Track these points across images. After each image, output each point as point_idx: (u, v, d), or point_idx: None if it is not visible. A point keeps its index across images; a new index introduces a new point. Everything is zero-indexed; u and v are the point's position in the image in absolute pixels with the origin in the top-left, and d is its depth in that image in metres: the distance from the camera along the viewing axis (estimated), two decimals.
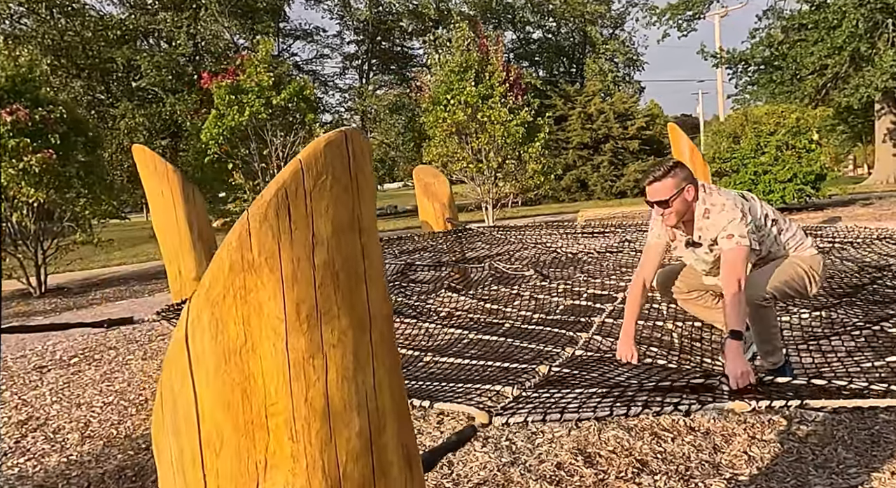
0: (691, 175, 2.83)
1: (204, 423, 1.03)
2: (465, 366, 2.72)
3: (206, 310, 1.02)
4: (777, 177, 11.67)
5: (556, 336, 3.22)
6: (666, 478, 3.14)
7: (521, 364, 2.69)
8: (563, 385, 2.41)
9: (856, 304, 3.51)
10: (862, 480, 2.90)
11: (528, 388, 2.32)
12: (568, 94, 34.40)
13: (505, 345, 3.03)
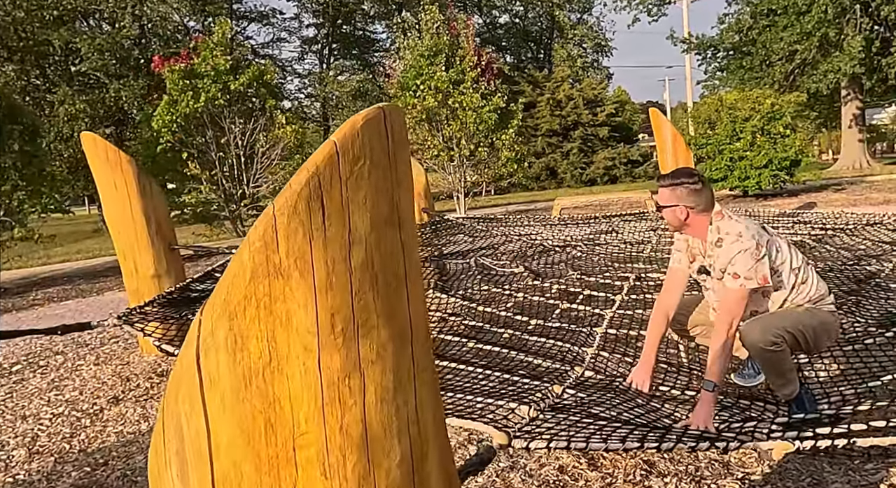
0: (696, 201, 2.70)
1: (218, 460, 0.87)
2: (470, 376, 2.59)
3: (223, 323, 0.86)
4: (753, 163, 11.85)
5: (561, 349, 3.11)
6: (676, 480, 3.07)
7: (532, 379, 2.57)
8: (580, 408, 2.30)
9: (861, 303, 3.49)
10: (881, 476, 2.88)
11: (545, 409, 2.20)
12: (536, 80, 34.49)
13: (508, 358, 2.91)
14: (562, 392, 2.50)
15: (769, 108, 12.12)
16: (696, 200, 2.73)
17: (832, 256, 4.47)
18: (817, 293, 2.77)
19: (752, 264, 2.59)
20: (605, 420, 2.22)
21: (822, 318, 2.74)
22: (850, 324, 3.23)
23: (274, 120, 12.58)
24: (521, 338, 3.29)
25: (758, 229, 2.69)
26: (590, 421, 2.15)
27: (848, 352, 3.00)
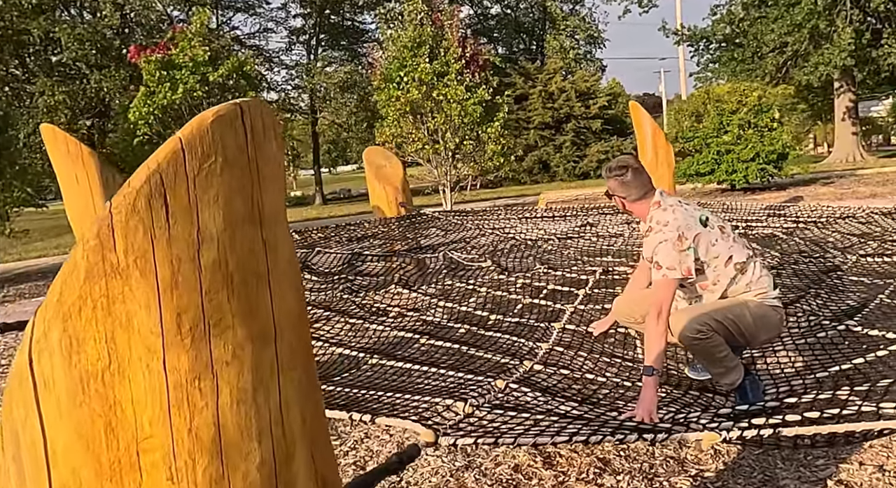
0: (629, 191, 2.83)
1: (56, 467, 0.87)
2: (414, 374, 2.59)
3: (57, 325, 0.86)
4: (740, 157, 11.88)
5: (515, 344, 3.12)
6: (629, 478, 3.08)
7: (476, 375, 2.57)
8: (520, 403, 2.30)
9: (820, 296, 3.52)
10: (830, 472, 2.90)
11: (482, 405, 2.20)
12: (528, 71, 34.41)
13: (459, 353, 2.91)
14: (505, 386, 2.50)
15: (756, 100, 12.13)
16: (626, 191, 2.86)
17: (800, 249, 4.49)
18: (759, 287, 2.81)
19: (673, 255, 2.66)
20: (543, 414, 2.23)
21: (761, 312, 2.77)
22: (806, 316, 3.25)
23: None
24: (478, 333, 3.30)
25: (688, 221, 2.73)
26: (527, 416, 2.16)
27: (800, 344, 3.02)
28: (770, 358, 3.03)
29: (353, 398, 2.31)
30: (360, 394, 2.32)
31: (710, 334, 2.65)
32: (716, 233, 2.79)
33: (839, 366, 2.73)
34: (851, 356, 2.76)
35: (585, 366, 2.87)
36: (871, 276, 3.73)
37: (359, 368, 2.69)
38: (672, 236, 2.69)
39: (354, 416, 1.96)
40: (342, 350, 2.87)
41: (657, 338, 2.63)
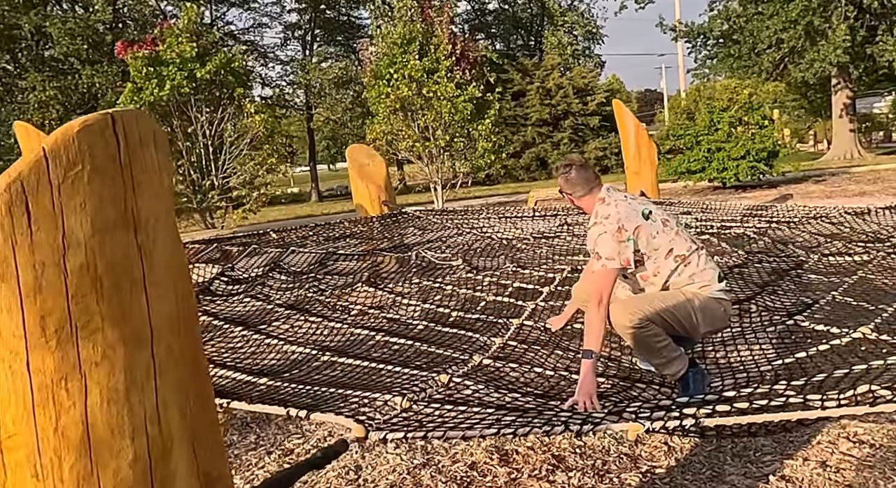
0: (575, 187, 2.95)
1: None
2: (364, 371, 2.64)
3: None
4: (730, 155, 11.92)
5: (470, 339, 3.17)
6: (580, 475, 3.15)
7: (423, 371, 2.62)
8: (461, 397, 2.35)
9: (777, 292, 3.57)
10: (775, 468, 2.97)
11: (422, 399, 2.25)
12: (525, 67, 34.42)
13: (412, 349, 2.96)
14: (448, 381, 2.55)
15: (747, 97, 12.16)
16: (572, 188, 2.98)
17: (767, 248, 4.54)
18: (703, 279, 2.88)
19: (612, 246, 2.76)
20: (480, 407, 2.27)
21: (703, 304, 2.83)
22: (759, 312, 3.30)
23: (242, 108, 12.56)
24: (435, 330, 3.35)
25: (629, 214, 2.82)
26: (463, 410, 2.20)
27: (750, 338, 3.07)
28: (720, 351, 3.09)
29: (299, 394, 2.36)
30: (306, 390, 2.37)
31: (646, 324, 2.71)
32: (658, 226, 2.87)
33: (783, 359, 2.78)
34: (795, 350, 2.81)
35: (536, 361, 2.91)
36: (830, 274, 3.78)
37: (310, 366, 2.74)
38: (612, 228, 2.79)
39: (291, 412, 2.00)
40: (297, 348, 2.92)
41: (597, 324, 2.73)
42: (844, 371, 2.50)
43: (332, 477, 3.20)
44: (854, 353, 2.72)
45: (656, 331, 2.79)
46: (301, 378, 2.54)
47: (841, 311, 3.18)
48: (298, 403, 2.21)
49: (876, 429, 3.21)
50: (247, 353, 2.84)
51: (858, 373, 2.49)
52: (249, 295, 3.69)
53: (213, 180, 12.77)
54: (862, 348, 2.75)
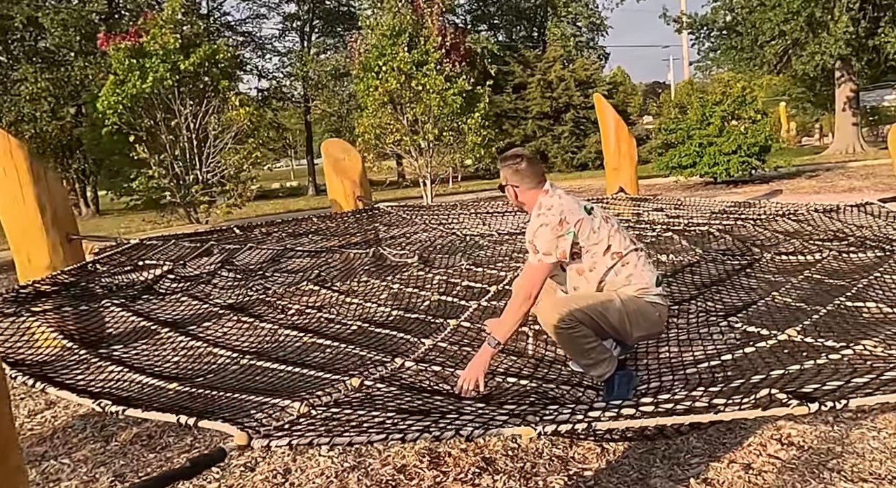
0: (522, 179, 2.94)
1: None
2: (278, 374, 2.65)
3: None
4: (722, 149, 11.87)
5: (400, 341, 3.18)
6: (506, 478, 3.16)
7: (338, 374, 2.63)
8: (368, 401, 2.36)
9: (721, 292, 3.57)
10: (699, 470, 2.98)
11: (323, 405, 2.26)
12: (527, 60, 34.31)
13: (337, 351, 2.98)
14: (360, 385, 2.56)
15: (740, 91, 12.09)
16: (520, 180, 2.96)
17: (725, 246, 4.53)
18: (640, 282, 2.87)
19: (550, 240, 2.76)
20: (383, 411, 2.28)
21: (637, 308, 2.83)
22: (696, 313, 3.30)
23: (227, 101, 12.56)
24: (368, 330, 3.36)
25: (572, 207, 2.83)
26: (361, 413, 2.21)
27: (683, 340, 3.07)
28: (651, 352, 3.09)
29: (202, 400, 2.38)
30: (211, 396, 2.38)
31: (574, 324, 2.71)
32: (599, 222, 2.89)
33: (709, 362, 2.79)
34: (723, 353, 2.81)
35: (462, 365, 2.92)
36: (778, 274, 3.78)
37: (228, 369, 2.76)
38: (554, 220, 2.80)
39: (181, 419, 2.01)
40: (220, 351, 2.93)
41: (514, 316, 2.77)
42: (761, 376, 2.50)
43: (259, 481, 3.23)
44: (776, 356, 2.72)
45: (585, 331, 2.79)
46: (213, 382, 2.56)
47: (777, 313, 3.17)
48: (196, 409, 2.23)
49: (809, 431, 3.22)
50: (167, 357, 2.86)
51: (775, 377, 2.50)
52: (188, 294, 3.71)
53: (197, 174, 12.80)
54: (785, 350, 2.74)
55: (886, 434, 3.07)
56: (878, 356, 2.37)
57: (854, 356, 2.43)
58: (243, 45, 33.60)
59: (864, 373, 2.22)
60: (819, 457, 2.96)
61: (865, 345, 2.45)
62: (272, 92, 32.40)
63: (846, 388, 2.12)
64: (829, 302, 3.09)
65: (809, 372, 2.43)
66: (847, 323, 2.82)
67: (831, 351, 2.52)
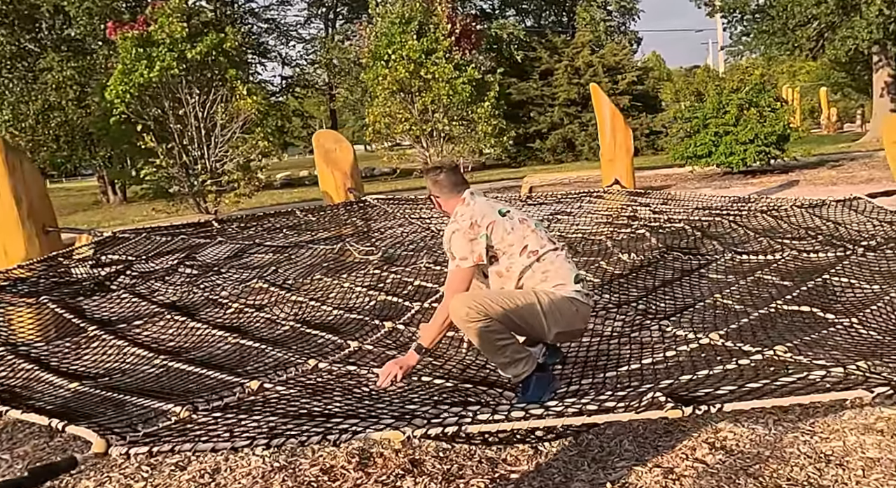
0: (441, 189, 3.04)
1: None
2: (184, 376, 2.69)
3: None
4: (738, 139, 11.58)
5: (327, 342, 3.19)
6: (429, 481, 3.16)
7: (244, 377, 2.65)
8: (259, 405, 2.38)
9: (668, 293, 3.49)
10: (622, 474, 2.95)
11: (211, 409, 2.28)
12: (555, 45, 33.95)
13: (258, 352, 3.00)
14: (258, 388, 2.57)
15: (758, 78, 11.76)
16: (439, 189, 3.06)
17: (690, 245, 4.44)
18: (557, 277, 2.90)
19: (465, 245, 2.83)
20: (272, 416, 2.29)
21: (553, 304, 2.84)
22: (634, 315, 3.24)
23: (234, 91, 12.68)
24: (300, 330, 3.38)
25: (484, 211, 2.90)
26: (243, 418, 2.22)
27: (613, 343, 3.04)
28: (580, 355, 3.06)
29: (90, 401, 2.42)
30: (101, 398, 2.43)
31: (485, 319, 2.71)
32: (514, 223, 2.94)
33: (629, 366, 2.74)
34: (645, 356, 2.76)
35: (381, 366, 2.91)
36: (732, 274, 3.69)
37: (138, 370, 2.80)
38: (465, 225, 2.87)
39: (54, 423, 2.05)
40: (139, 350, 2.98)
41: (442, 325, 2.83)
42: (669, 381, 2.45)
43: (186, 481, 3.28)
44: (692, 360, 2.66)
45: (497, 327, 2.79)
46: (117, 383, 2.60)
47: (712, 316, 3.10)
48: (80, 412, 2.26)
49: (746, 435, 3.16)
50: (83, 356, 2.92)
51: (678, 381, 2.45)
52: (133, 292, 3.77)
53: (205, 164, 12.97)
54: (703, 354, 2.68)
55: (819, 439, 3.01)
56: (785, 361, 2.31)
57: (762, 361, 2.37)
58: (267, 32, 33.89)
59: (761, 379, 2.17)
60: (743, 462, 2.91)
61: (777, 350, 2.39)
62: (296, 79, 32.63)
63: (738, 392, 2.08)
64: (767, 304, 3.00)
65: (716, 377, 2.38)
66: (773, 327, 2.75)
67: (744, 355, 2.46)
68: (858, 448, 2.90)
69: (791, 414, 3.37)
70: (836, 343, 2.46)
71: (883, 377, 2.01)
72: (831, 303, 2.92)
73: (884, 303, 2.83)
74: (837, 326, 2.63)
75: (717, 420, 3.36)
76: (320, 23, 36.34)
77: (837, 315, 2.77)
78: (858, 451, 2.87)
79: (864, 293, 3.07)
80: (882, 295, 2.92)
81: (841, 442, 2.97)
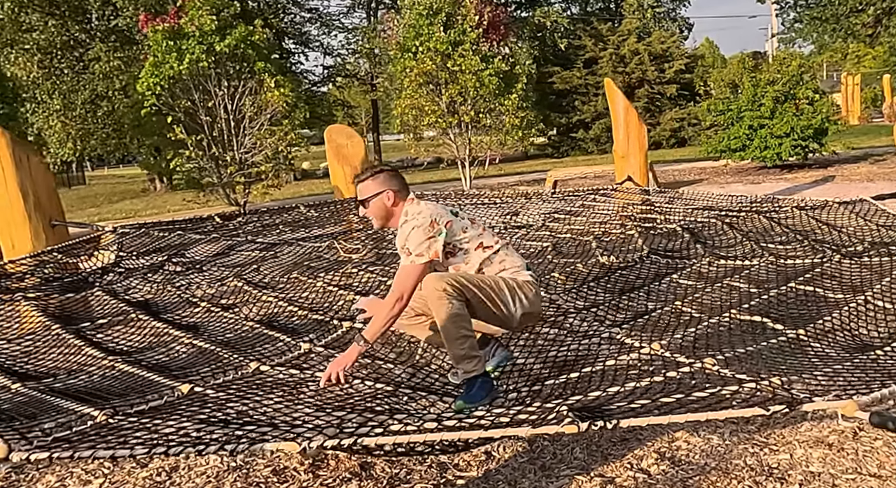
0: (398, 185, 3.06)
1: None
2: (127, 378, 2.78)
3: None
4: (773, 132, 11.19)
5: (281, 343, 3.25)
6: (373, 484, 3.21)
7: (176, 379, 2.72)
8: (182, 409, 2.44)
9: (632, 299, 3.43)
10: (563, 483, 2.94)
11: (134, 413, 2.35)
12: (600, 33, 33.41)
13: (206, 353, 3.07)
14: (189, 391, 2.64)
15: (796, 69, 11.31)
16: (396, 183, 3.07)
17: (677, 247, 4.34)
18: (512, 265, 3.03)
19: (422, 239, 2.89)
20: (189, 421, 2.34)
21: (517, 284, 2.96)
22: (590, 321, 3.20)
23: (262, 83, 12.87)
24: (257, 330, 3.45)
25: (439, 210, 3.00)
26: (158, 423, 2.28)
27: (562, 350, 3.02)
28: (528, 362, 3.05)
29: (29, 402, 2.52)
30: (38, 400, 2.52)
31: (459, 298, 2.78)
32: (466, 223, 3.05)
33: (567, 375, 2.72)
34: (584, 366, 2.73)
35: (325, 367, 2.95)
36: (701, 280, 3.60)
37: (84, 370, 2.90)
38: (425, 222, 2.93)
39: None
40: (93, 350, 3.08)
41: (386, 317, 2.88)
42: (591, 393, 2.42)
43: (144, 477, 3.39)
44: (626, 371, 2.62)
45: (466, 315, 2.86)
46: (54, 385, 2.70)
47: (666, 324, 3.04)
48: (4, 414, 2.36)
49: (698, 445, 3.14)
50: (37, 355, 3.04)
51: (604, 394, 2.41)
52: (105, 289, 3.90)
53: (233, 155, 13.22)
54: (640, 364, 2.63)
55: (768, 451, 2.96)
56: (710, 374, 2.25)
57: (688, 373, 2.32)
58: (310, 22, 34.26)
59: (677, 392, 2.12)
60: (685, 473, 2.88)
61: (705, 362, 2.33)
62: (336, 69, 32.93)
63: (648, 407, 2.05)
64: (723, 313, 2.93)
65: (641, 389, 2.34)
66: (718, 337, 2.69)
67: (676, 367, 2.41)
68: (804, 461, 2.85)
69: (752, 425, 3.31)
70: (769, 356, 2.38)
71: (790, 395, 1.94)
72: (785, 314, 2.82)
73: (839, 313, 2.73)
74: (780, 338, 2.54)
75: (676, 429, 3.32)
76: (363, 12, 36.54)
77: (786, 326, 2.68)
78: (802, 465, 2.83)
79: (824, 303, 2.96)
80: (836, 306, 2.81)
81: (788, 455, 2.91)
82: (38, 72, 26.18)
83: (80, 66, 26.07)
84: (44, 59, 26.21)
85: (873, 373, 2.14)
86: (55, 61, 26.41)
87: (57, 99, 25.17)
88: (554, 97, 32.53)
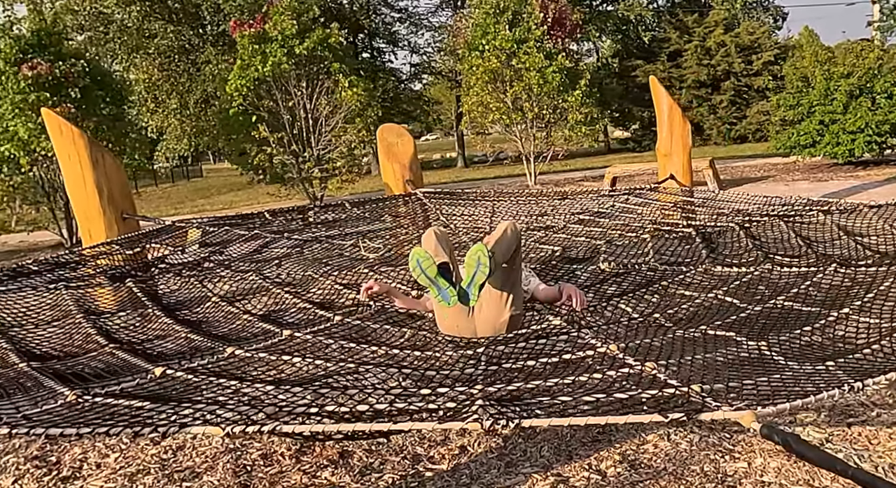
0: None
1: None
2: (116, 361, 2.93)
3: None
4: (845, 128, 10.35)
5: (266, 332, 3.33)
6: (344, 473, 3.27)
7: (152, 362, 2.84)
8: (149, 391, 2.55)
9: (625, 302, 3.30)
10: (519, 480, 2.90)
11: (103, 393, 2.47)
12: (685, 25, 31.92)
13: (197, 342, 3.19)
14: (161, 374, 2.73)
15: (873, 61, 10.36)
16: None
17: (685, 254, 4.12)
18: None
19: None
20: (150, 401, 2.42)
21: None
22: (572, 327, 3.07)
23: (338, 84, 13.20)
24: (251, 321, 3.54)
25: None
26: (122, 402, 2.39)
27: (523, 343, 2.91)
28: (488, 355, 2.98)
29: (21, 381, 2.70)
30: (32, 377, 2.70)
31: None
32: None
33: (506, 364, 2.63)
34: (528, 359, 2.64)
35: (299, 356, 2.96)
36: (691, 290, 3.40)
37: (85, 354, 3.09)
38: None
39: None
40: (99, 338, 3.27)
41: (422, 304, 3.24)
42: (518, 384, 2.33)
43: (152, 455, 3.60)
44: (567, 367, 2.50)
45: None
46: (54, 366, 2.88)
47: (636, 332, 2.89)
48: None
49: (665, 448, 3.06)
50: (51, 339, 3.26)
51: (531, 388, 2.32)
52: (136, 282, 4.13)
53: (311, 151, 13.67)
54: (590, 363, 2.50)
55: (730, 458, 2.80)
56: (647, 376, 2.13)
57: (625, 374, 2.20)
58: (400, 21, 34.65)
59: (599, 392, 2.03)
60: (637, 477, 2.79)
61: (646, 366, 2.21)
62: (421, 67, 33.18)
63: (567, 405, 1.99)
64: (700, 325, 2.76)
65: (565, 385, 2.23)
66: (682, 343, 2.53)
67: (619, 367, 2.28)
68: (759, 470, 2.70)
69: (725, 432, 3.16)
70: (719, 365, 2.23)
71: (702, 402, 1.81)
72: (760, 327, 2.63)
73: (811, 327, 2.51)
74: (740, 349, 2.36)
75: (650, 431, 3.17)
76: (450, 11, 36.54)
77: (748, 337, 2.49)
78: (757, 474, 2.68)
79: (797, 314, 2.73)
80: (808, 319, 2.59)
81: (746, 464, 2.75)
82: (159, 74, 27.91)
83: (194, 68, 27.59)
84: (164, 62, 27.91)
85: (809, 386, 1.95)
86: (172, 64, 28.06)
87: (174, 99, 26.79)
88: (637, 91, 31.43)
